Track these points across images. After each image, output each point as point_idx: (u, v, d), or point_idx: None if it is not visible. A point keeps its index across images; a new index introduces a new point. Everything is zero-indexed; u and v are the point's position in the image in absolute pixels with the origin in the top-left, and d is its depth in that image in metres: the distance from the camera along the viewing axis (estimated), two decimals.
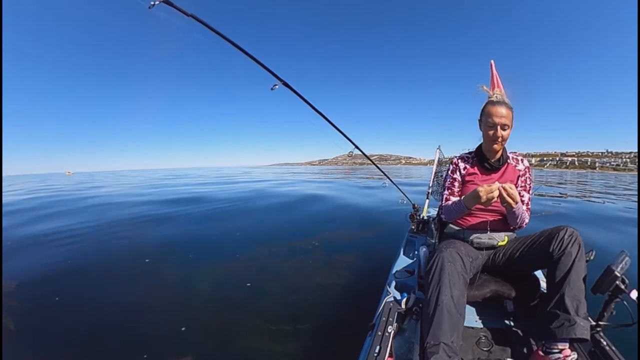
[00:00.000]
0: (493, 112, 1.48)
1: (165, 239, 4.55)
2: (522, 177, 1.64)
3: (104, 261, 3.57)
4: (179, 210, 7.08)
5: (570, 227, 1.32)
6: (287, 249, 3.95)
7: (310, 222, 5.77)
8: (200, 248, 4.07)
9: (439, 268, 1.26)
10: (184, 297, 2.63)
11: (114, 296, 2.65)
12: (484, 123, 1.55)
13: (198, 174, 35.57)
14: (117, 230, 5.14)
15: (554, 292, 1.24)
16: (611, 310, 1.24)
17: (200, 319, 2.27)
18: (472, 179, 1.63)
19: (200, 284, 2.87)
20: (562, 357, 1.13)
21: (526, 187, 1.63)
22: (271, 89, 1.75)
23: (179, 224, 5.70)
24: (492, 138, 1.51)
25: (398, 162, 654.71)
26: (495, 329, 1.44)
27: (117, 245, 4.28)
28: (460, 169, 1.68)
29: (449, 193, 1.69)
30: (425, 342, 1.12)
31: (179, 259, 3.61)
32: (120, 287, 2.86)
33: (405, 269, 1.92)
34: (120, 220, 6.13)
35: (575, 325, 1.13)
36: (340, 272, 3.13)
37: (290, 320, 2.21)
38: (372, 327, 1.40)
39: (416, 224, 2.88)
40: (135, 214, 6.75)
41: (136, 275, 3.14)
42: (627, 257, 1.24)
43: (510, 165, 1.64)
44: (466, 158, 1.71)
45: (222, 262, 3.44)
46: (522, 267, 1.51)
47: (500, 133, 1.48)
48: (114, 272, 3.22)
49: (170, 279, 3.02)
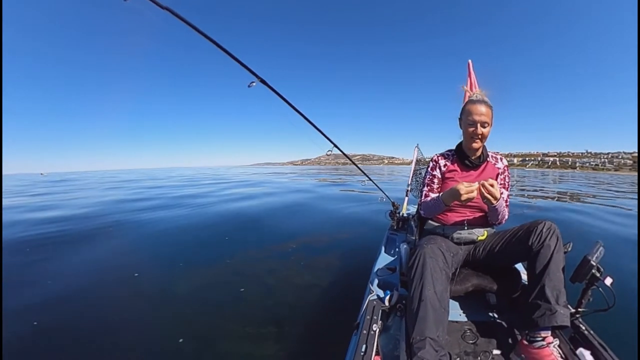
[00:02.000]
0: (473, 110, 1.53)
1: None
2: (502, 175, 1.69)
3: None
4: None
5: (548, 221, 1.36)
6: (265, 253, 3.88)
7: (284, 225, 5.60)
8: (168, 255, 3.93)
9: (421, 264, 1.27)
10: (163, 307, 2.57)
11: (103, 313, 2.52)
12: (464, 121, 1.59)
13: (166, 175, 34.23)
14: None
15: (535, 283, 1.28)
16: (588, 297, 1.29)
17: (183, 326, 2.22)
18: (452, 176, 1.66)
19: (179, 290, 2.80)
20: (546, 344, 1.17)
21: (505, 184, 1.69)
22: (248, 86, 1.73)
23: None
24: (471, 135, 1.55)
25: (381, 162, 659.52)
26: (479, 322, 1.47)
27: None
28: (440, 166, 1.71)
29: (428, 189, 1.71)
30: (411, 337, 1.13)
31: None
32: (108, 301, 2.74)
33: (387, 267, 1.94)
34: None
35: (556, 314, 1.17)
36: (322, 273, 3.11)
37: (273, 324, 2.19)
38: (357, 326, 1.40)
39: (396, 222, 2.90)
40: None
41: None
42: (601, 247, 1.30)
43: (490, 163, 1.69)
44: (446, 155, 1.74)
45: (200, 269, 3.36)
46: (502, 261, 1.55)
47: (480, 130, 1.52)
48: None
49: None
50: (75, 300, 2.68)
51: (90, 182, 22.50)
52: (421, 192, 1.76)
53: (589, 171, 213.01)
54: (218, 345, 2.00)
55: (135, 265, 3.55)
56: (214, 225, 5.54)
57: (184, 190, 13.13)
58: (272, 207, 7.72)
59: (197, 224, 5.70)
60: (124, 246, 4.49)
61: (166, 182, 19.52)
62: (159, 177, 29.69)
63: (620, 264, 3.30)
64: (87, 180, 26.19)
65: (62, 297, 2.72)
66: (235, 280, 2.97)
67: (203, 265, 3.46)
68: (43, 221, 6.36)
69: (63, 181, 25.63)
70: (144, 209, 7.68)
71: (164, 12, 1.47)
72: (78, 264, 3.63)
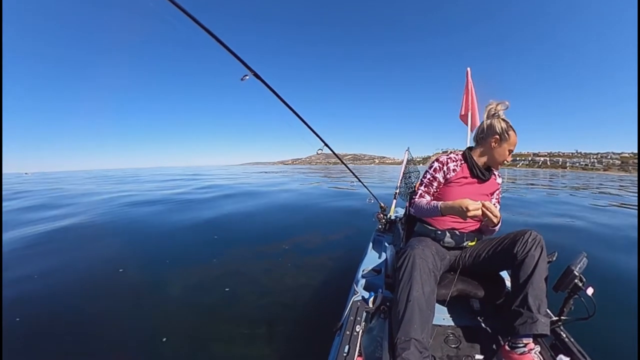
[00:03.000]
0: (513, 140, 1.57)
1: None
2: (497, 190, 1.76)
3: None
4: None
5: (534, 231, 1.39)
6: (257, 253, 3.85)
7: (277, 226, 5.55)
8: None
9: (411, 264, 1.28)
10: (154, 306, 2.54)
11: (88, 311, 2.49)
12: (501, 145, 1.58)
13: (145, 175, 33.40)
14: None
15: (518, 291, 1.31)
16: (570, 306, 1.33)
17: (174, 327, 2.20)
18: (459, 182, 1.63)
19: (172, 290, 2.77)
20: (527, 351, 1.20)
21: (498, 199, 1.78)
22: (241, 79, 1.69)
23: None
24: (501, 160, 1.62)
25: (372, 161, 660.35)
26: (462, 327, 1.50)
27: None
28: (449, 170, 1.64)
29: (425, 190, 1.68)
30: (396, 338, 1.14)
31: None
32: (95, 299, 2.70)
33: (373, 268, 1.94)
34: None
35: (537, 323, 1.21)
36: (311, 274, 3.10)
37: (263, 324, 2.18)
38: (340, 327, 1.41)
39: (383, 224, 2.90)
40: None
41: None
42: (584, 258, 1.34)
43: (492, 178, 1.72)
44: (455, 159, 1.67)
45: (193, 268, 3.31)
46: (487, 268, 1.58)
47: (510, 158, 1.62)
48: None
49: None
50: (57, 297, 2.67)
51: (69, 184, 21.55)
52: (416, 189, 1.72)
53: (579, 171, 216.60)
54: (202, 344, 2.00)
55: (119, 262, 3.52)
56: (198, 226, 5.44)
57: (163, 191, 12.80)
58: (258, 207, 7.68)
59: (183, 224, 5.60)
60: (105, 245, 4.45)
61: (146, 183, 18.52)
62: (142, 176, 29.32)
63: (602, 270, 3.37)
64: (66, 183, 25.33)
65: (45, 293, 2.71)
66: (222, 280, 2.96)
67: (190, 263, 3.44)
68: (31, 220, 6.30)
69: (46, 181, 24.98)
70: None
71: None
72: (62, 261, 3.60)
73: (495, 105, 1.63)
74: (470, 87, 1.91)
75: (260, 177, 23.19)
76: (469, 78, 1.97)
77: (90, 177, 29.64)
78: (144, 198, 9.45)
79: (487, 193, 1.68)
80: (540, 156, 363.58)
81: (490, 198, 1.72)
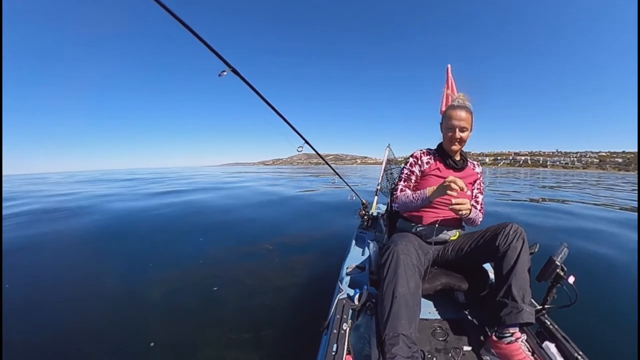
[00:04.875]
0: (453, 115, 1.59)
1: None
2: (479, 180, 1.78)
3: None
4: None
5: (515, 224, 1.42)
6: (241, 254, 3.78)
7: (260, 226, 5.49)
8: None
9: (395, 260, 1.29)
10: (138, 312, 2.46)
11: (63, 319, 2.38)
12: (444, 125, 1.65)
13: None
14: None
15: (502, 283, 1.33)
16: (553, 294, 1.37)
17: (158, 333, 2.14)
18: (435, 174, 1.68)
19: (153, 295, 2.69)
20: (514, 340, 1.22)
21: (481, 189, 1.78)
22: (219, 75, 1.64)
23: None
24: (450, 139, 1.62)
25: (354, 161, 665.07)
26: (449, 320, 1.51)
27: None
28: (423, 163, 1.72)
29: (405, 185, 1.73)
30: (384, 334, 1.14)
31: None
32: (76, 306, 2.58)
33: (357, 265, 1.94)
34: None
35: (522, 312, 1.23)
36: (296, 273, 3.07)
37: (250, 327, 2.14)
38: (327, 325, 1.40)
39: (365, 220, 2.90)
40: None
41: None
42: (565, 248, 1.38)
43: (469, 168, 1.76)
44: (428, 153, 1.76)
45: (176, 271, 3.22)
46: (470, 261, 1.60)
47: (458, 135, 1.59)
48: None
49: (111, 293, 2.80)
50: (34, 306, 2.55)
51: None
52: (396, 185, 1.77)
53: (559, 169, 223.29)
54: (189, 350, 1.96)
55: (99, 267, 3.41)
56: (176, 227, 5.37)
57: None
58: (237, 205, 7.67)
59: (166, 225, 5.52)
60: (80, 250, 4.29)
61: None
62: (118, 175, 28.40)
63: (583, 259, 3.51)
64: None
65: (20, 304, 2.58)
66: (208, 281, 2.91)
67: (175, 267, 3.35)
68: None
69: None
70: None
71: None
72: (39, 268, 3.45)
73: (454, 97, 1.71)
74: (451, 84, 1.96)
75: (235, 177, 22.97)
76: (449, 74, 2.03)
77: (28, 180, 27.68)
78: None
79: (467, 183, 1.70)
80: (521, 155, 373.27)
81: (472, 187, 1.75)
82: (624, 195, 12.19)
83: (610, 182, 24.10)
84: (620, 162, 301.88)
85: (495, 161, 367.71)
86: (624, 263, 3.41)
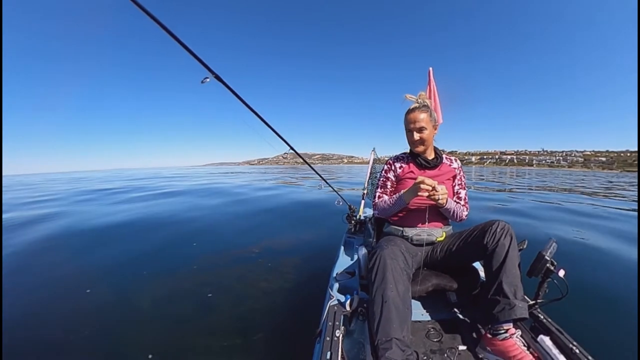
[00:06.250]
0: (408, 119, 1.65)
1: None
2: (458, 175, 1.78)
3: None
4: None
5: (502, 221, 1.43)
6: (229, 259, 3.70)
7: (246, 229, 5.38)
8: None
9: (382, 265, 1.29)
10: (123, 318, 2.40)
11: (53, 334, 2.26)
12: (405, 129, 1.70)
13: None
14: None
15: (493, 280, 1.33)
16: (545, 289, 1.38)
17: (146, 341, 2.09)
18: (409, 177, 1.71)
19: (141, 303, 2.62)
20: (509, 336, 1.22)
21: (462, 184, 1.78)
22: (202, 82, 1.62)
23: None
24: (411, 141, 1.68)
25: (340, 161, 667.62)
26: (442, 320, 1.51)
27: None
28: (395, 169, 1.78)
29: (382, 191, 1.79)
30: (377, 339, 1.13)
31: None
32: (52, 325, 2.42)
33: (346, 271, 1.93)
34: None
35: (515, 308, 1.23)
36: (286, 277, 3.03)
37: (241, 335, 2.10)
38: (319, 333, 1.38)
39: (353, 225, 2.89)
40: None
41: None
42: (554, 243, 1.40)
43: (445, 164, 1.77)
44: (401, 158, 1.81)
45: (163, 279, 3.13)
46: (460, 261, 1.61)
47: (417, 136, 1.63)
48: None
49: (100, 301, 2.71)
50: (22, 319, 2.44)
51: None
52: (374, 193, 1.82)
53: (545, 168, 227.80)
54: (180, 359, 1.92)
55: (86, 278, 3.27)
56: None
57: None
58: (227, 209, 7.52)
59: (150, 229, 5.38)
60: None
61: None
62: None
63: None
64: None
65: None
66: (200, 289, 2.85)
67: (164, 274, 3.27)
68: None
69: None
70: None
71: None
72: (19, 280, 3.26)
73: (413, 100, 1.74)
74: (433, 87, 2.00)
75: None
76: (431, 77, 2.06)
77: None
78: None
79: (444, 180, 1.72)
80: (507, 154, 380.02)
81: (452, 183, 1.76)
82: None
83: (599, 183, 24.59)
84: (604, 161, 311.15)
85: (481, 160, 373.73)
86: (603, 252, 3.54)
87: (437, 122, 1.72)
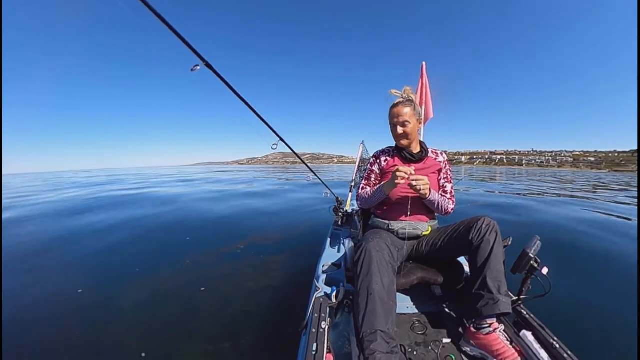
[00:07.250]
0: (392, 113, 1.68)
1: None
2: (444, 169, 1.79)
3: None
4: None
5: (487, 217, 1.44)
6: (213, 257, 3.62)
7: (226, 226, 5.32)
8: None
9: (367, 258, 1.30)
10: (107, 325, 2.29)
11: (44, 337, 2.17)
12: (390, 124, 1.72)
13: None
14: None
15: (477, 275, 1.35)
16: (528, 285, 1.41)
17: (130, 346, 2.01)
18: (394, 170, 1.68)
19: (122, 304, 2.54)
20: (492, 330, 1.25)
21: (448, 178, 1.79)
22: (191, 69, 1.58)
23: None
24: (395, 135, 1.70)
25: (330, 160, 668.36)
26: (427, 313, 1.53)
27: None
28: (380, 162, 1.80)
29: (366, 183, 1.83)
30: (362, 332, 1.14)
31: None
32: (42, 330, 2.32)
33: (333, 263, 1.92)
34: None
35: (498, 303, 1.25)
36: (272, 274, 3.00)
37: (228, 336, 2.05)
38: (306, 325, 1.37)
39: (340, 217, 2.89)
40: None
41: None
42: (538, 241, 1.43)
43: (431, 158, 1.78)
44: (387, 151, 1.84)
45: (142, 281, 3.02)
46: (445, 255, 1.62)
47: (401, 130, 1.65)
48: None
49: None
50: (12, 323, 2.32)
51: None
52: (359, 185, 1.85)
53: (535, 167, 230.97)
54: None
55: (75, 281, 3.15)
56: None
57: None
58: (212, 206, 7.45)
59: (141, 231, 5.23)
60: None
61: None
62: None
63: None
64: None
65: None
66: (183, 291, 2.78)
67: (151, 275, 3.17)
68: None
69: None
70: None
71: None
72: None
73: (397, 95, 1.75)
74: (425, 82, 2.00)
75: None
76: (423, 72, 2.06)
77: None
78: None
79: (429, 173, 1.73)
80: (497, 154, 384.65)
81: (438, 177, 1.77)
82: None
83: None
84: (593, 161, 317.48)
85: (471, 160, 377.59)
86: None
87: (422, 116, 1.74)
